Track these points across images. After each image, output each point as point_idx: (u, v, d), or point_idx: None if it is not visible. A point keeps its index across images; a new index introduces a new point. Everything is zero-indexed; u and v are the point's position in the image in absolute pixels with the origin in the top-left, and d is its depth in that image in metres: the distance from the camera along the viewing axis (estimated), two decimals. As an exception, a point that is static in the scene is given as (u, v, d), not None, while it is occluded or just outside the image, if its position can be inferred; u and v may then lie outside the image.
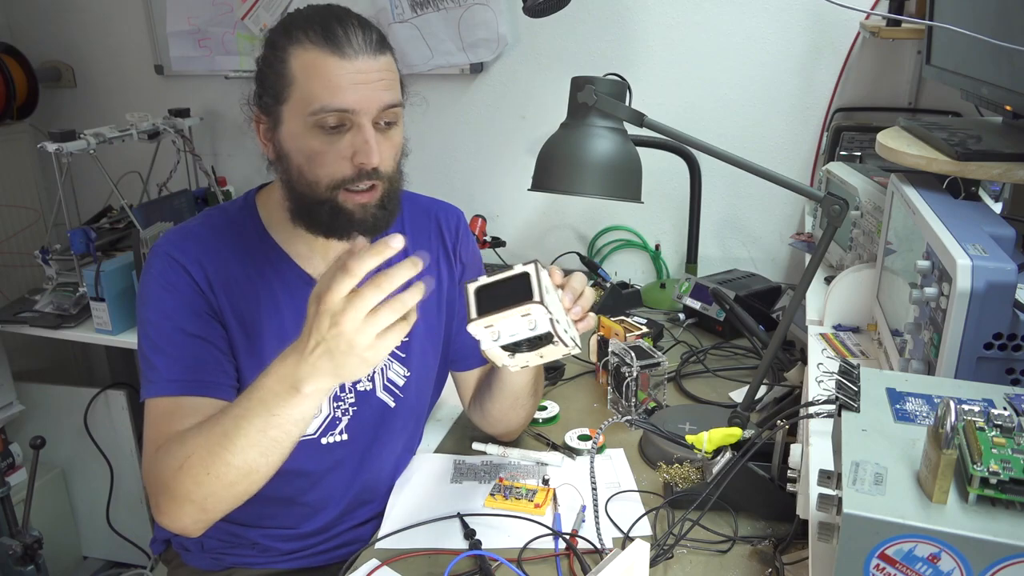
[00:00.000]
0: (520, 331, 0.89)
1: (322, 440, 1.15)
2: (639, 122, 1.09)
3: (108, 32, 2.43)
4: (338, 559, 1.18)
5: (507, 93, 2.11)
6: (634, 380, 1.34)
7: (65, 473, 2.39)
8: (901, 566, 0.55)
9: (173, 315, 1.05)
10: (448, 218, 1.28)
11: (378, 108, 1.01)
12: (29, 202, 2.51)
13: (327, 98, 0.99)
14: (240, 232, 1.12)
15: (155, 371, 1.03)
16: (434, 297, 1.24)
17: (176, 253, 1.07)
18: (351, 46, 0.99)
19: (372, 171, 1.02)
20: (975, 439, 0.58)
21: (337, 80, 0.99)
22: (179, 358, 1.03)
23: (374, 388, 1.18)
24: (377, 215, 1.05)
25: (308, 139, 1.01)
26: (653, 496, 1.15)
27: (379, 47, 1.02)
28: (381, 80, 1.02)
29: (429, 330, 1.23)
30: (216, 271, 1.08)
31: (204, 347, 1.05)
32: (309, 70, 1.00)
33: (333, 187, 1.02)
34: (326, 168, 1.02)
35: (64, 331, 1.98)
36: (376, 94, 1.01)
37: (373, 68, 1.01)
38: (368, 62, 1.00)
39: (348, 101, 0.99)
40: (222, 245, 1.10)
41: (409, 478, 1.23)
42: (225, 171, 2.37)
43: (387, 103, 1.02)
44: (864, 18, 1.72)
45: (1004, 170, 0.93)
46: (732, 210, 2.02)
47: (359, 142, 1.01)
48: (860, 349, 1.12)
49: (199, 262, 1.07)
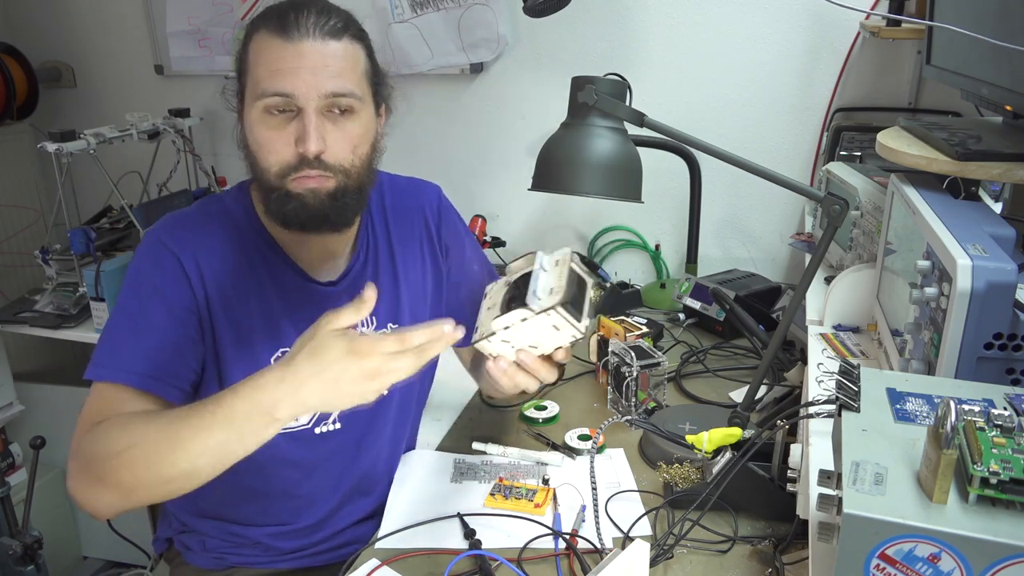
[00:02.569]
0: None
1: (315, 430, 1.15)
2: (639, 122, 1.09)
3: (108, 32, 2.43)
4: (338, 559, 1.18)
5: (507, 93, 2.11)
6: (634, 380, 1.34)
7: (65, 473, 2.38)
8: (901, 566, 0.55)
9: (152, 309, 1.04)
10: (429, 200, 1.27)
11: (320, 94, 0.98)
12: (29, 202, 2.51)
13: (267, 81, 0.97)
14: (235, 222, 1.12)
15: (118, 357, 1.01)
16: (420, 283, 1.24)
17: (169, 241, 1.06)
18: (297, 29, 0.97)
19: (316, 161, 0.99)
20: (975, 439, 0.58)
21: (278, 63, 0.97)
22: (147, 353, 1.01)
23: None
24: (327, 205, 1.01)
25: (259, 126, 1.00)
26: (653, 496, 1.15)
27: (335, 33, 0.99)
28: (327, 66, 0.98)
29: (416, 315, 1.23)
30: (208, 260, 1.07)
31: (173, 346, 1.03)
32: (258, 55, 0.99)
33: (282, 175, 1.00)
34: (274, 155, 1.00)
35: (64, 331, 1.98)
36: (318, 79, 0.97)
37: (318, 52, 0.98)
38: (314, 45, 0.97)
39: (287, 85, 0.97)
40: (217, 234, 1.09)
41: (409, 477, 1.23)
42: (225, 171, 2.37)
43: (331, 90, 0.98)
44: (864, 18, 1.72)
45: (1004, 170, 0.93)
46: (732, 210, 2.02)
47: (300, 129, 0.98)
48: (860, 349, 1.12)
49: (192, 251, 1.06)
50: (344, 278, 1.16)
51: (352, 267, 1.16)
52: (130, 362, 1.01)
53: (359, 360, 0.82)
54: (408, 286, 1.22)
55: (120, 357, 1.01)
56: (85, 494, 0.94)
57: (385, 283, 1.20)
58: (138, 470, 0.89)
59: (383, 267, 1.20)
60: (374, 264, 1.19)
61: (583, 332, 0.91)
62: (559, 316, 0.88)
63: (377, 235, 1.21)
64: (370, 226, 1.20)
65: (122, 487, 0.90)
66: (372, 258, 1.19)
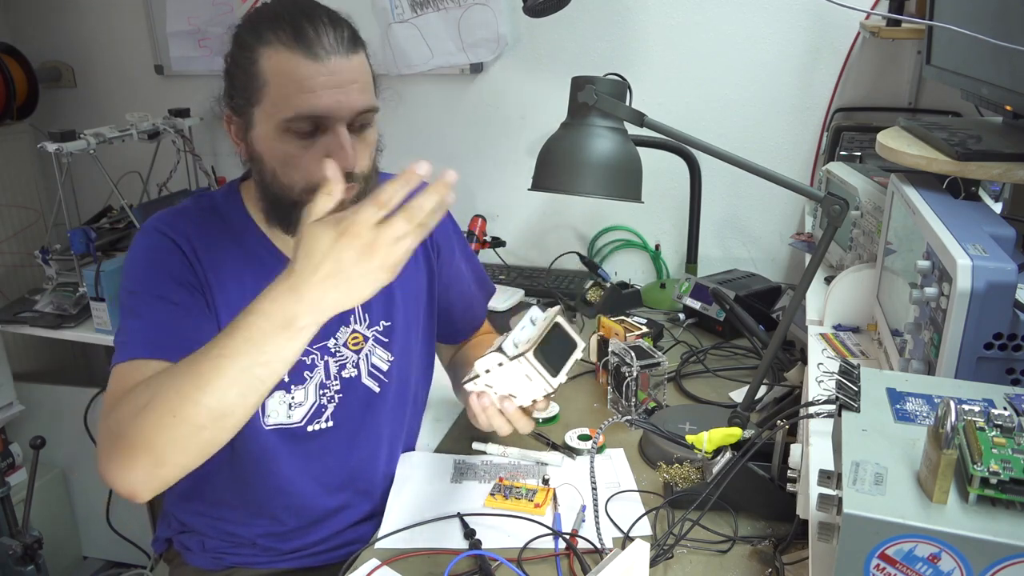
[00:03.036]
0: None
1: (308, 428, 1.15)
2: (639, 122, 1.09)
3: (108, 32, 2.43)
4: (338, 559, 1.18)
5: (507, 93, 2.11)
6: (634, 380, 1.34)
7: (65, 473, 2.39)
8: (901, 566, 0.55)
9: (155, 284, 1.03)
10: None
11: (352, 112, 0.99)
12: (29, 202, 2.51)
13: (301, 104, 0.96)
14: (226, 219, 1.12)
15: (128, 335, 0.99)
16: (413, 282, 1.24)
17: (166, 229, 1.07)
18: (323, 46, 0.96)
19: (347, 175, 0.99)
20: (975, 439, 0.58)
21: (310, 84, 0.96)
22: (155, 323, 1.00)
23: (359, 375, 1.18)
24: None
25: (282, 143, 0.99)
26: (653, 496, 1.15)
27: (351, 45, 1.00)
28: (355, 83, 0.99)
29: (410, 313, 1.24)
30: (205, 248, 1.07)
31: (182, 315, 1.02)
32: (281, 74, 0.97)
33: (309, 190, 0.99)
34: (301, 172, 1.00)
35: (64, 331, 1.98)
36: (350, 98, 0.98)
37: (346, 69, 0.98)
38: (341, 63, 0.97)
39: (322, 107, 0.97)
40: (210, 227, 1.10)
41: (409, 478, 1.23)
42: (225, 171, 2.37)
43: (362, 107, 1.00)
44: (864, 18, 1.72)
45: (1004, 170, 0.93)
46: (732, 210, 2.02)
47: (335, 147, 0.98)
48: (860, 349, 1.12)
49: (188, 238, 1.07)
50: None
51: None
52: (141, 335, 0.99)
53: (351, 240, 0.79)
54: (401, 284, 1.22)
55: (129, 335, 1.00)
56: (117, 472, 0.86)
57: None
58: (165, 419, 0.83)
59: None
60: None
61: (555, 389, 0.95)
62: (530, 366, 0.92)
63: None
64: None
65: (151, 447, 0.84)
66: None
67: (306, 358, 1.13)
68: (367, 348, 1.19)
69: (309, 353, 1.14)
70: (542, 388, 0.95)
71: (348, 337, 1.17)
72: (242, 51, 1.01)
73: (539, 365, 0.92)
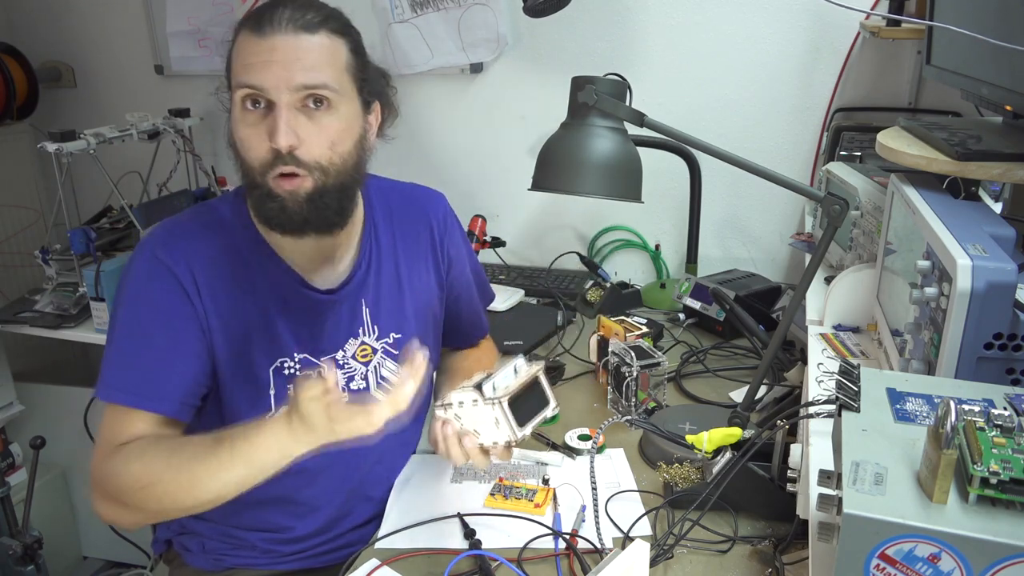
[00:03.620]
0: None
1: None
2: (639, 122, 1.09)
3: (108, 32, 2.43)
4: (339, 560, 1.18)
5: (507, 93, 2.11)
6: (634, 380, 1.34)
7: (65, 473, 2.39)
8: (901, 566, 0.55)
9: (145, 322, 1.04)
10: (435, 209, 1.27)
11: (290, 87, 0.96)
12: (29, 202, 2.50)
13: (241, 75, 0.98)
14: (230, 229, 1.10)
15: (111, 372, 1.04)
16: (425, 293, 1.24)
17: (163, 253, 1.05)
18: (270, 24, 0.97)
19: (290, 157, 0.97)
20: (975, 439, 0.58)
21: (249, 57, 0.97)
22: (137, 368, 1.03)
23: (368, 388, 1.18)
24: (305, 208, 1.00)
25: (239, 123, 1.00)
26: (653, 496, 1.15)
27: (309, 27, 0.98)
28: (299, 59, 0.97)
29: (420, 325, 1.24)
30: (203, 270, 1.06)
31: (179, 363, 1.04)
32: (236, 53, 1.00)
33: (262, 172, 1.00)
34: (252, 151, 1.00)
35: (64, 331, 1.98)
36: (289, 72, 0.96)
37: (291, 47, 0.97)
38: (287, 40, 0.97)
39: (256, 78, 0.97)
40: (212, 244, 1.08)
41: (409, 478, 1.23)
42: (225, 171, 2.36)
43: (302, 83, 0.97)
44: (864, 18, 1.72)
45: (1004, 170, 0.93)
46: (732, 210, 2.02)
47: (271, 124, 0.97)
48: (860, 349, 1.12)
49: (187, 263, 1.05)
50: (345, 286, 1.15)
51: (354, 275, 1.15)
52: (120, 380, 1.03)
53: (341, 424, 0.88)
54: (413, 296, 1.22)
55: (112, 373, 1.03)
56: (112, 517, 1.01)
57: (389, 292, 1.19)
58: (164, 501, 0.96)
59: (386, 276, 1.19)
60: (377, 273, 1.18)
61: (518, 440, 0.99)
62: (501, 412, 0.97)
63: (381, 243, 1.19)
64: (374, 233, 1.19)
65: (148, 512, 1.01)
66: (375, 267, 1.18)
67: (312, 371, 1.13)
68: (376, 360, 1.19)
69: (316, 366, 1.13)
70: (505, 435, 0.99)
71: (357, 349, 1.17)
72: (230, 45, 1.03)
73: (510, 414, 0.97)
